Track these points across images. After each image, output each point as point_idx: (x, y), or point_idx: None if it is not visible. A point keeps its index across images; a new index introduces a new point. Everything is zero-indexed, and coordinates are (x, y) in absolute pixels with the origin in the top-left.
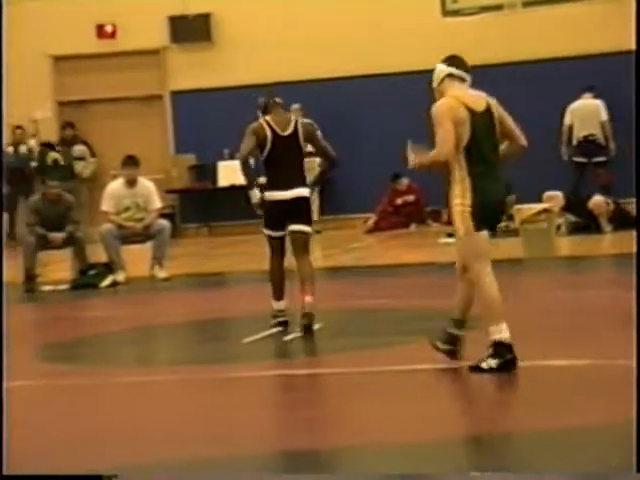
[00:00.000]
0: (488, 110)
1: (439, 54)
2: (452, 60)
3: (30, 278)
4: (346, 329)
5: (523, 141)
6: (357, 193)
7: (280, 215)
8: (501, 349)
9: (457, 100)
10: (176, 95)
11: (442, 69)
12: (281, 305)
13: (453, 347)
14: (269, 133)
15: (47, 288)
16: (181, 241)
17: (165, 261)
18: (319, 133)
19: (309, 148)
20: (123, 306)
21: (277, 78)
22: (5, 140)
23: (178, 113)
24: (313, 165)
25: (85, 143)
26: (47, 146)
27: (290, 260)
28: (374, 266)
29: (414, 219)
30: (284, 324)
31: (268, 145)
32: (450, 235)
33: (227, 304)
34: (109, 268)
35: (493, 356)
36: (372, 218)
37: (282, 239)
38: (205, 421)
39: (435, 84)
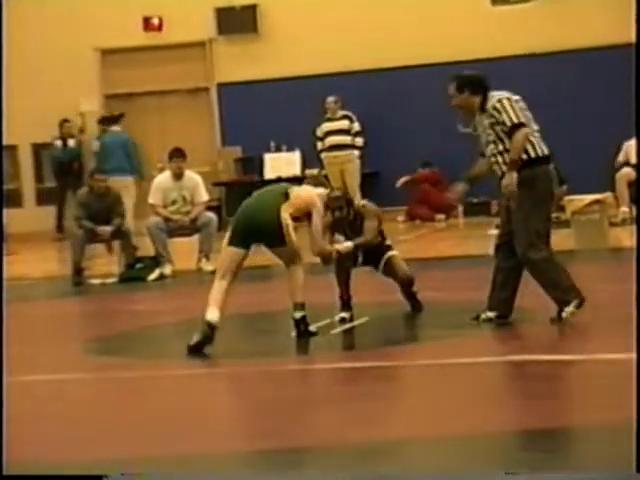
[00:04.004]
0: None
1: (487, 43)
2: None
3: (78, 271)
4: (393, 323)
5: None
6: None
7: None
8: (206, 328)
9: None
10: (222, 87)
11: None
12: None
13: None
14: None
15: (95, 281)
16: None
17: (212, 254)
18: (356, 125)
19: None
20: (170, 299)
21: (323, 70)
22: (53, 134)
23: (224, 105)
24: (351, 158)
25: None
26: None
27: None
28: (421, 259)
29: (441, 209)
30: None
31: None
32: (499, 227)
33: (274, 297)
34: (156, 261)
35: (199, 332)
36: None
37: None
38: (252, 415)
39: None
